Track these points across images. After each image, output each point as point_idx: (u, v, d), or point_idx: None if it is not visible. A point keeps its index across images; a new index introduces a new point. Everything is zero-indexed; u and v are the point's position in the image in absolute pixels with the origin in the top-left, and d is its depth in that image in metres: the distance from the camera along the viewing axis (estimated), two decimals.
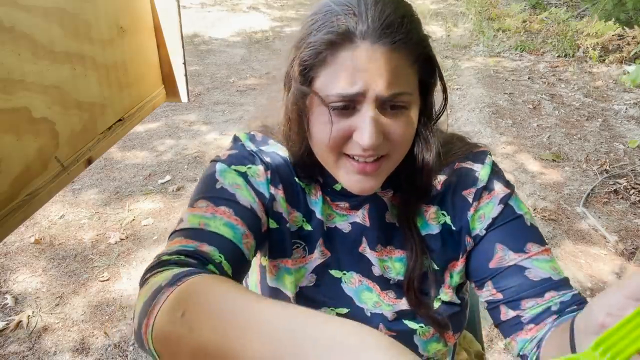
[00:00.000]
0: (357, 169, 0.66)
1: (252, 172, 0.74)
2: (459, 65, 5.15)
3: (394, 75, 0.61)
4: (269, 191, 0.74)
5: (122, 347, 1.82)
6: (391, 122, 0.63)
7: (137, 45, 0.93)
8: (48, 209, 2.59)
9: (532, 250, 0.70)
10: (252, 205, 0.71)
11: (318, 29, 0.64)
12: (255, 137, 0.80)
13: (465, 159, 0.77)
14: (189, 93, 1.06)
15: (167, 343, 0.48)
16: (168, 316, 0.48)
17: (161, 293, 0.51)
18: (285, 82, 0.70)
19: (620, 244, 2.46)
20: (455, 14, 7.40)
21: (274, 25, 6.78)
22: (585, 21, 5.68)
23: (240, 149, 0.77)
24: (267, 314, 0.42)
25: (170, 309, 0.48)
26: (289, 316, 0.41)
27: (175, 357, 0.47)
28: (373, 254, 0.76)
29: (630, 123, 3.85)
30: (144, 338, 0.51)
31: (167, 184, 2.91)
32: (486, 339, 1.89)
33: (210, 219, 0.67)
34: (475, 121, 3.81)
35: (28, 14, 0.63)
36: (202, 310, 0.46)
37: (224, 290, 0.48)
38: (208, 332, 0.44)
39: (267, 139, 0.79)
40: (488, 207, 0.73)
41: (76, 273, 2.18)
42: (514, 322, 0.69)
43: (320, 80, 0.64)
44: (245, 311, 0.43)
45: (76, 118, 0.75)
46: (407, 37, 0.62)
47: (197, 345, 0.44)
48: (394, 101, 0.62)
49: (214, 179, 0.72)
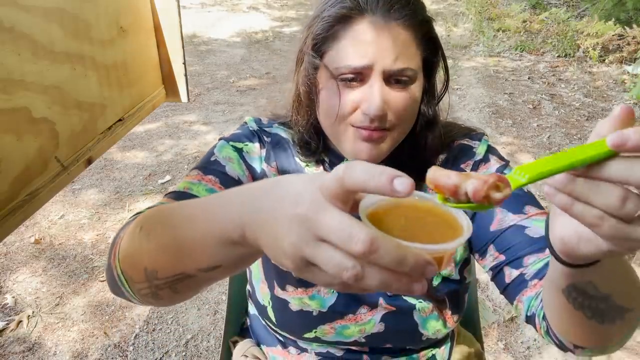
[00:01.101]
0: (364, 137, 0.69)
1: (248, 148, 0.80)
2: (459, 65, 5.15)
3: (401, 50, 0.66)
4: (261, 166, 0.80)
5: (122, 347, 1.82)
6: (396, 95, 0.68)
7: (137, 45, 0.93)
8: (48, 209, 2.59)
9: (531, 211, 0.72)
10: (240, 177, 0.77)
11: (331, 4, 0.68)
12: (262, 120, 0.86)
13: (464, 137, 0.82)
14: (189, 93, 1.06)
15: (131, 259, 0.53)
16: (130, 236, 0.55)
17: (126, 225, 0.59)
18: (298, 60, 0.75)
19: None
20: (455, 14, 7.40)
21: (274, 26, 6.78)
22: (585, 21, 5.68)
23: (244, 129, 0.84)
24: (205, 198, 0.48)
25: (131, 230, 0.55)
26: (226, 191, 0.46)
27: (137, 268, 0.52)
28: None
29: None
30: (112, 266, 0.57)
31: (167, 184, 2.91)
32: (486, 339, 1.89)
33: (196, 184, 0.72)
34: (475, 121, 3.81)
35: (28, 14, 0.63)
36: (156, 220, 0.52)
37: (175, 205, 0.54)
38: (160, 231, 0.50)
39: (273, 122, 0.86)
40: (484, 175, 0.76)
41: (76, 273, 2.18)
42: (518, 282, 0.70)
43: (331, 54, 0.69)
44: (188, 205, 0.49)
45: (76, 118, 0.75)
46: (414, 15, 0.67)
47: (155, 247, 0.50)
48: (399, 75, 0.67)
49: (211, 153, 0.80)
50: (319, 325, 0.78)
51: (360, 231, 0.33)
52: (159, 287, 0.51)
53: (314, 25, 0.70)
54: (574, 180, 0.36)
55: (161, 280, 0.50)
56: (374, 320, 0.78)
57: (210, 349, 1.84)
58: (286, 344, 0.86)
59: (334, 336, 0.79)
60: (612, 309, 0.50)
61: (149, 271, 0.50)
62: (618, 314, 0.50)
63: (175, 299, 0.53)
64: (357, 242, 0.32)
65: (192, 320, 1.96)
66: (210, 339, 1.88)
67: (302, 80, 0.73)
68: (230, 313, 1.07)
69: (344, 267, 0.33)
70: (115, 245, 0.58)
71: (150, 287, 0.51)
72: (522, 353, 1.83)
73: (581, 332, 0.56)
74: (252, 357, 0.92)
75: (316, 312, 0.78)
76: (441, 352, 0.88)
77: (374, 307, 0.78)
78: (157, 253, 0.49)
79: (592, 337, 0.56)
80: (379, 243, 0.33)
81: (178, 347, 1.84)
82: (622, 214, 0.34)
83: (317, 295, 0.78)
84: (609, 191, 0.35)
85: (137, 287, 0.53)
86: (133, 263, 0.53)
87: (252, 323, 0.97)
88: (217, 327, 1.92)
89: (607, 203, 0.35)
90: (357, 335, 0.79)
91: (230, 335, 1.03)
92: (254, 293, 0.85)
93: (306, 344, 0.84)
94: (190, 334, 1.89)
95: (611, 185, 0.35)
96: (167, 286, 0.50)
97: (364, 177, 0.33)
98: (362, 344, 0.80)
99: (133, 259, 0.53)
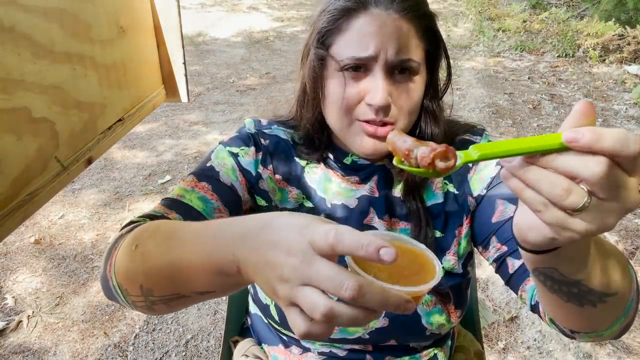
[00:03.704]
0: (369, 133, 0.71)
1: (244, 152, 0.81)
2: (459, 65, 5.15)
3: (404, 42, 0.68)
4: (256, 170, 0.80)
5: (122, 347, 1.83)
6: (399, 86, 0.70)
7: (137, 45, 0.93)
8: (48, 209, 2.59)
9: None
10: (233, 183, 0.77)
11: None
12: (261, 121, 0.86)
13: (465, 132, 0.84)
14: (189, 93, 1.06)
15: (127, 275, 0.56)
16: (125, 251, 0.57)
17: (121, 238, 0.60)
18: (304, 54, 0.77)
19: (620, 244, 2.46)
20: (455, 14, 7.40)
21: (274, 26, 6.78)
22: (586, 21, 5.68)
23: (241, 132, 0.84)
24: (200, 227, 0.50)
25: (126, 245, 0.57)
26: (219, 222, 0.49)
27: (133, 284, 0.55)
28: (381, 222, 0.80)
29: (630, 123, 3.85)
30: (108, 277, 0.59)
31: (167, 184, 2.91)
32: (486, 339, 1.89)
33: (188, 191, 0.74)
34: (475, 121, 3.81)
35: (28, 14, 0.63)
36: (151, 239, 0.55)
37: (170, 224, 0.57)
38: (156, 254, 0.52)
39: (272, 124, 0.86)
40: (486, 169, 0.79)
41: (76, 273, 2.18)
42: (521, 271, 0.71)
43: (336, 46, 0.70)
44: (183, 231, 0.52)
45: (76, 118, 0.75)
46: (416, 7, 0.69)
47: (149, 267, 0.52)
48: (402, 65, 0.69)
49: (208, 158, 0.80)
50: None
51: (348, 279, 0.37)
52: (154, 302, 0.54)
53: (319, 20, 0.72)
54: (527, 167, 0.39)
55: (156, 298, 0.54)
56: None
57: (210, 349, 1.84)
58: (288, 343, 0.86)
59: (338, 333, 0.79)
60: (588, 293, 0.51)
61: (145, 289, 0.54)
62: (597, 297, 0.51)
63: (169, 312, 0.57)
64: (347, 289, 0.37)
65: (192, 320, 1.96)
66: (210, 339, 1.88)
67: (308, 73, 0.75)
68: (230, 313, 1.07)
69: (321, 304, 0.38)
70: (110, 256, 0.60)
71: (146, 301, 0.55)
72: (522, 353, 1.83)
73: (566, 315, 0.58)
74: (253, 357, 0.92)
75: None
76: (443, 351, 0.88)
77: None
78: (152, 274, 0.53)
79: (578, 321, 0.58)
80: (365, 289, 0.37)
81: (178, 347, 1.84)
82: (564, 204, 0.37)
83: None
84: (556, 181, 0.37)
85: (133, 299, 0.56)
86: (129, 279, 0.56)
87: (253, 322, 0.97)
88: (217, 327, 1.92)
89: (552, 192, 0.37)
90: (361, 331, 0.79)
91: (230, 335, 1.03)
92: (257, 292, 0.85)
93: (309, 343, 0.84)
94: (190, 334, 1.89)
95: (559, 176, 0.37)
96: (162, 302, 0.54)
97: (353, 246, 0.38)
98: (366, 341, 0.80)
99: (129, 275, 0.56)
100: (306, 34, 0.77)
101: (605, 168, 0.35)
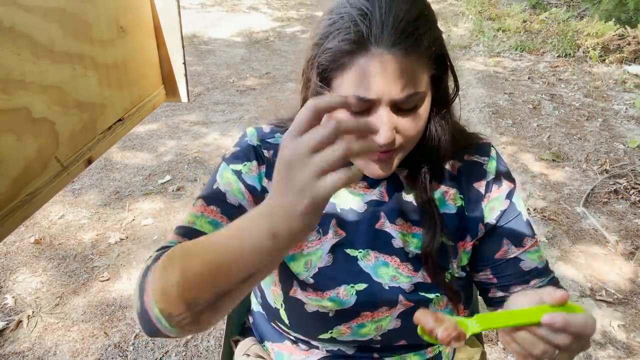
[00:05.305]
0: (374, 159, 0.71)
1: (247, 168, 0.80)
2: (459, 65, 5.15)
3: (407, 79, 0.64)
4: (261, 184, 0.79)
5: (122, 347, 1.82)
6: (403, 120, 0.68)
7: (137, 45, 0.93)
8: (48, 209, 2.59)
9: (528, 244, 0.81)
10: (240, 202, 0.77)
11: (335, 33, 0.66)
12: (263, 129, 0.85)
13: (473, 152, 0.84)
14: (189, 93, 1.06)
15: (167, 296, 0.55)
16: (159, 275, 0.57)
17: (150, 271, 0.60)
18: (303, 82, 0.75)
19: (620, 244, 2.46)
20: (455, 14, 7.40)
21: (274, 26, 6.78)
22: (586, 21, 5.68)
23: (243, 145, 0.83)
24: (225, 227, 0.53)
25: (160, 269, 0.57)
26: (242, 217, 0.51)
27: (176, 302, 0.54)
28: (393, 227, 0.80)
29: (630, 123, 3.85)
30: (147, 309, 0.57)
31: (167, 184, 2.91)
32: (486, 339, 1.89)
33: (199, 217, 0.74)
34: (475, 121, 3.81)
35: (28, 14, 0.63)
36: (186, 254, 0.56)
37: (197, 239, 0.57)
38: (194, 263, 0.53)
39: (275, 131, 0.84)
40: (497, 200, 0.82)
41: (76, 273, 2.18)
42: (499, 300, 0.83)
43: (338, 82, 0.67)
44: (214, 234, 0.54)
45: (76, 118, 0.75)
46: (420, 41, 0.65)
47: (190, 276, 0.53)
48: (407, 101, 0.66)
49: (214, 179, 0.79)
50: (335, 326, 0.78)
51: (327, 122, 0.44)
52: (201, 312, 0.54)
53: (319, 52, 0.68)
54: (517, 332, 0.55)
55: (202, 305, 0.53)
56: (390, 316, 0.78)
57: (210, 349, 1.84)
58: (297, 342, 0.86)
59: (350, 335, 0.79)
60: None
61: (189, 301, 0.53)
62: None
63: (217, 318, 0.56)
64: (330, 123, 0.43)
65: None
66: (210, 339, 1.88)
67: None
68: (231, 312, 1.07)
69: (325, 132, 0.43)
70: (144, 290, 0.59)
71: (192, 315, 0.54)
72: None
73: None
74: (255, 356, 0.92)
75: (332, 312, 0.77)
76: (446, 349, 0.90)
77: (393, 305, 0.78)
78: (194, 281, 0.52)
79: None
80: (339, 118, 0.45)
81: (178, 347, 1.84)
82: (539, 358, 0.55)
83: (335, 298, 0.77)
84: (536, 344, 0.54)
85: (178, 320, 0.55)
86: (171, 300, 0.55)
87: (256, 320, 0.97)
88: (217, 327, 1.92)
89: (532, 351, 0.55)
90: (373, 334, 0.79)
91: (231, 335, 1.03)
92: (264, 297, 0.85)
93: (320, 344, 0.84)
94: (190, 334, 1.89)
95: (539, 341, 0.54)
96: (209, 308, 0.53)
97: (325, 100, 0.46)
98: (377, 342, 0.81)
99: (170, 295, 0.55)
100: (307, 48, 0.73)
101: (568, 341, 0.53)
